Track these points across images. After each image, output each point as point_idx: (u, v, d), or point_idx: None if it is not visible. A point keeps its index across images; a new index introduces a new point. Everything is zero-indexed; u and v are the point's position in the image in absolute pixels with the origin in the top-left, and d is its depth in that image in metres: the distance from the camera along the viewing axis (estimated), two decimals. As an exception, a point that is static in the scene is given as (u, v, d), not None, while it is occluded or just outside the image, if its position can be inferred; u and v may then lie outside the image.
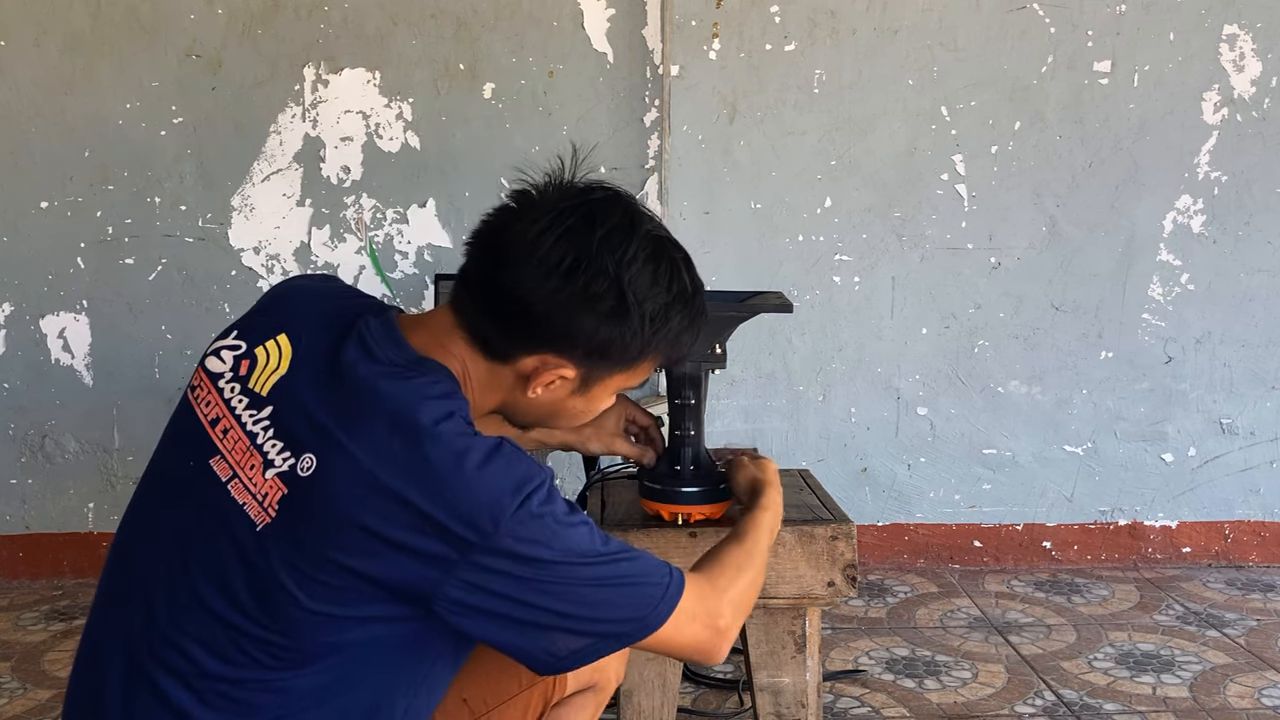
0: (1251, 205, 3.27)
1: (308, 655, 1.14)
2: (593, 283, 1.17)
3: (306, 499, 1.12)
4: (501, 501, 1.10)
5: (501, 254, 1.19)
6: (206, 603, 1.14)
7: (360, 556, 1.10)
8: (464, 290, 1.23)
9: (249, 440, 1.16)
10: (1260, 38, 3.21)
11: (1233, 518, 3.38)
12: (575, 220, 1.18)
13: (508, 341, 1.21)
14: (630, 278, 1.18)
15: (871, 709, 2.43)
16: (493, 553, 1.10)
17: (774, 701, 1.73)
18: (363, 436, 1.12)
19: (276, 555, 1.12)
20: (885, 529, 3.36)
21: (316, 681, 1.15)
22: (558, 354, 1.21)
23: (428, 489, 1.10)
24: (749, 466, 1.61)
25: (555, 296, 1.17)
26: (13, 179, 3.18)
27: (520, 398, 1.26)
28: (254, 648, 1.13)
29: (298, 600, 1.11)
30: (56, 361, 3.25)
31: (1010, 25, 3.19)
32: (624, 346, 1.21)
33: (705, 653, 1.28)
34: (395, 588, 1.11)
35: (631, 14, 3.16)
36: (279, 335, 1.22)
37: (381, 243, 3.23)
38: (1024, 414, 3.33)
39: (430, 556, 1.10)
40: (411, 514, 1.09)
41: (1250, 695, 2.49)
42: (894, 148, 3.23)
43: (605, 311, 1.18)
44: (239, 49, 3.15)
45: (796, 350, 3.29)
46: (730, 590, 1.31)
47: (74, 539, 3.28)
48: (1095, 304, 3.30)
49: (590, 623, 1.17)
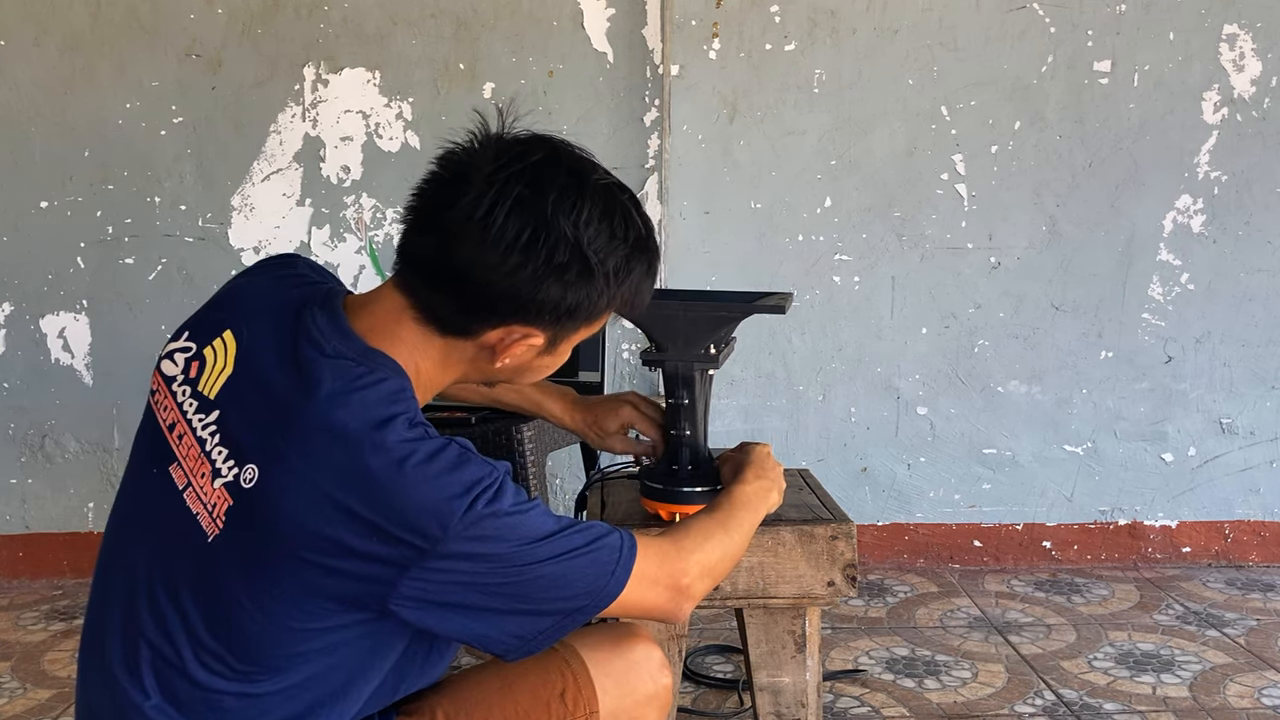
0: (1251, 205, 3.27)
1: (266, 667, 1.13)
2: (555, 252, 1.12)
3: (250, 511, 1.09)
4: (449, 506, 1.07)
5: (450, 233, 1.12)
6: (165, 616, 1.14)
7: (307, 568, 1.08)
8: (410, 271, 1.17)
9: (200, 447, 1.15)
10: (1260, 38, 3.21)
11: (1233, 517, 3.38)
12: (522, 188, 1.11)
13: (467, 318, 1.16)
14: (589, 239, 1.14)
15: (871, 709, 2.43)
16: (443, 557, 1.08)
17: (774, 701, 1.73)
18: (304, 445, 1.08)
19: (226, 568, 1.11)
20: (885, 529, 3.36)
21: (279, 687, 1.15)
22: (525, 323, 1.17)
23: (371, 498, 1.07)
24: (734, 455, 1.60)
25: (519, 272, 1.12)
26: (13, 179, 3.18)
27: (485, 367, 1.22)
28: (212, 660, 1.13)
29: (250, 614, 1.10)
30: (56, 361, 3.25)
31: (1010, 25, 3.19)
32: (591, 304, 1.18)
33: (667, 613, 1.27)
34: (346, 597, 1.10)
35: (631, 14, 3.16)
36: (224, 333, 1.19)
37: (381, 242, 3.23)
38: (1024, 414, 3.33)
39: (381, 562, 1.08)
40: (357, 523, 1.07)
41: (1250, 695, 2.49)
42: (894, 147, 3.23)
43: (571, 278, 1.14)
44: (239, 49, 3.15)
45: (796, 350, 3.29)
46: (696, 553, 1.29)
47: (74, 539, 3.28)
48: (1095, 304, 3.30)
49: (550, 602, 1.16)
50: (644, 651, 1.41)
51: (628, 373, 3.27)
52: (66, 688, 2.58)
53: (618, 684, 1.37)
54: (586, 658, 1.38)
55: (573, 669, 1.36)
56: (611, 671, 1.38)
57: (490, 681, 1.37)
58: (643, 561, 1.22)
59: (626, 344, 3.26)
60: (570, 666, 1.37)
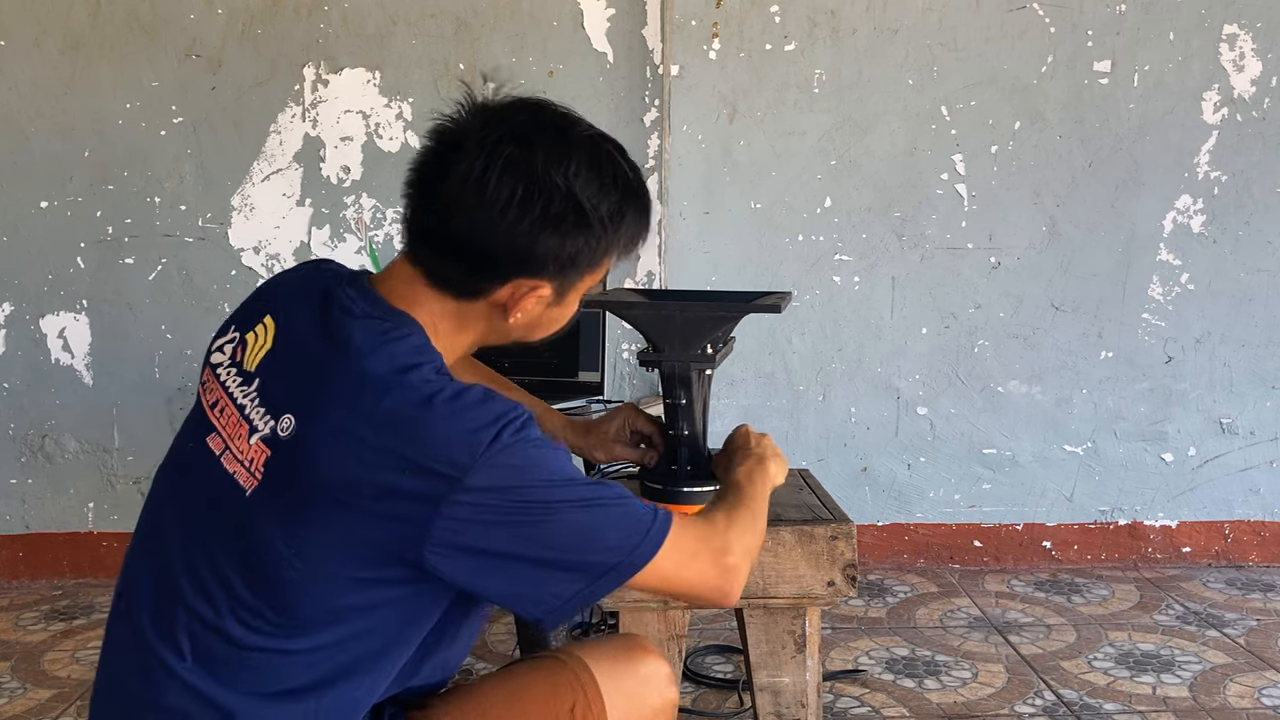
0: (1251, 205, 3.27)
1: (303, 621, 1.14)
2: (550, 204, 1.17)
3: (288, 459, 1.13)
4: (477, 435, 1.10)
5: (448, 203, 1.18)
6: (203, 580, 1.16)
7: (343, 511, 1.10)
8: (417, 243, 1.23)
9: (239, 413, 1.19)
10: (1260, 38, 3.21)
11: (1233, 517, 3.38)
12: (511, 149, 1.16)
13: (476, 280, 1.21)
14: (581, 188, 1.18)
15: (871, 709, 2.43)
16: (473, 489, 1.09)
17: (774, 701, 1.73)
18: (338, 394, 1.13)
19: (266, 519, 1.13)
20: (885, 529, 3.36)
21: (314, 644, 1.15)
22: (530, 276, 1.21)
23: (402, 434, 1.10)
24: (721, 451, 1.60)
25: (516, 227, 1.16)
26: (13, 179, 3.18)
27: (500, 324, 1.26)
28: (250, 615, 1.14)
29: (288, 562, 1.12)
30: (56, 361, 3.25)
31: (1010, 25, 3.19)
32: (591, 252, 1.22)
33: (718, 590, 1.25)
34: (382, 544, 1.11)
35: (631, 14, 3.16)
36: (265, 318, 1.25)
37: (381, 242, 3.23)
38: (1024, 414, 3.33)
39: (412, 499, 1.09)
40: (389, 460, 1.09)
41: (1250, 695, 2.49)
42: (894, 147, 3.23)
43: (568, 228, 1.19)
44: (239, 49, 3.15)
45: (796, 350, 3.29)
46: (731, 532, 1.28)
47: (74, 539, 3.28)
48: (1095, 304, 3.30)
49: (580, 552, 1.15)
50: (652, 666, 1.40)
51: (627, 373, 3.27)
52: (66, 688, 2.58)
53: (627, 698, 1.37)
54: (595, 671, 1.36)
55: (582, 682, 1.35)
56: (621, 686, 1.37)
57: (498, 693, 1.36)
58: (679, 533, 1.21)
59: (626, 344, 3.26)
60: (580, 680, 1.35)
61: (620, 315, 1.71)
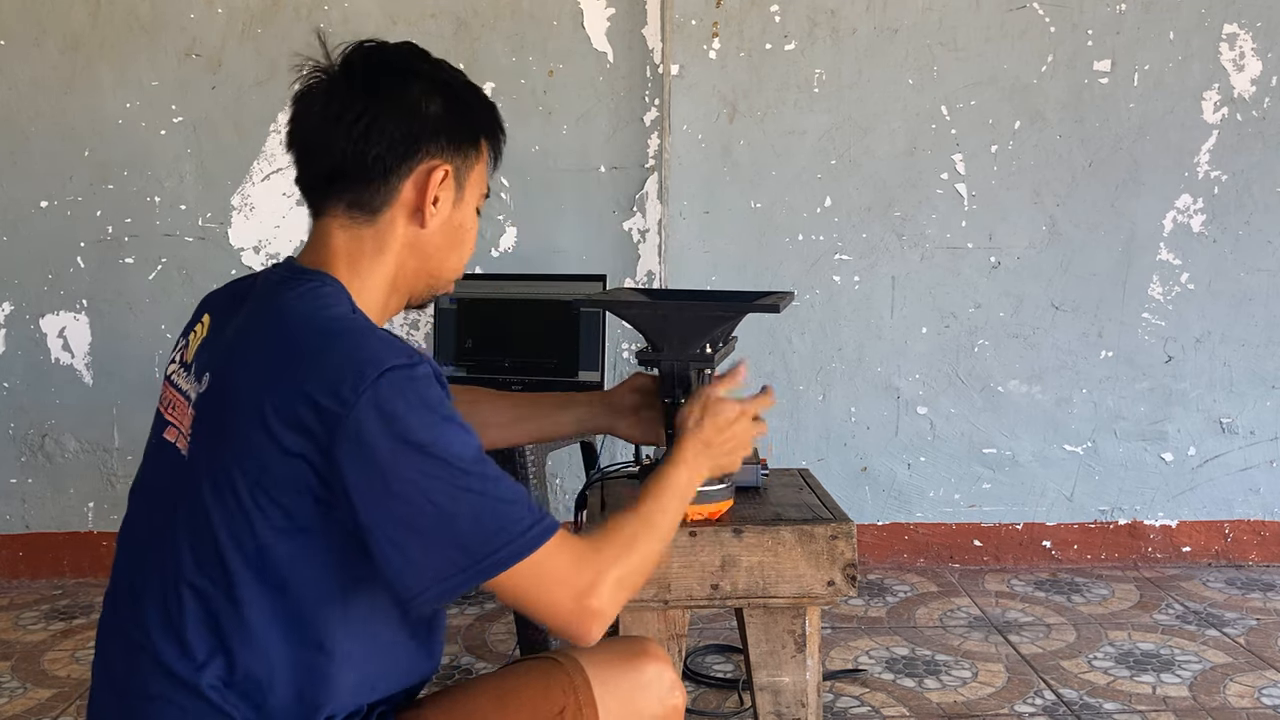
0: (1251, 205, 3.27)
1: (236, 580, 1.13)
2: (405, 83, 1.25)
3: (207, 412, 1.18)
4: (365, 369, 1.10)
5: (315, 141, 1.25)
6: (164, 563, 1.17)
7: (255, 450, 1.11)
8: (313, 196, 1.29)
9: (186, 400, 1.24)
10: (1260, 37, 3.21)
11: (1232, 517, 3.38)
12: (339, 76, 1.25)
13: (375, 184, 1.24)
14: (425, 69, 1.28)
15: (871, 708, 2.43)
16: (358, 424, 1.08)
17: (774, 701, 1.73)
18: (247, 342, 1.18)
19: (199, 477, 1.15)
20: (885, 528, 3.36)
21: (263, 616, 1.14)
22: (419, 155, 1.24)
23: (300, 366, 1.12)
24: (685, 409, 1.48)
25: (375, 112, 1.22)
26: (13, 179, 3.19)
27: (417, 237, 1.27)
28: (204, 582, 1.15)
29: (213, 519, 1.13)
30: (56, 361, 3.25)
31: (1010, 25, 3.19)
32: (458, 115, 1.28)
33: (568, 626, 1.19)
34: (293, 481, 1.11)
35: (631, 13, 3.16)
36: (204, 316, 1.32)
37: (381, 242, 3.22)
38: (1024, 413, 3.33)
39: (309, 434, 1.10)
40: (288, 394, 1.11)
41: (1250, 695, 2.49)
42: (894, 147, 3.23)
43: (425, 89, 1.25)
44: (239, 49, 3.15)
45: (796, 350, 3.29)
46: (615, 568, 1.21)
47: (74, 538, 3.28)
48: (1095, 303, 3.30)
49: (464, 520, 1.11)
50: (655, 671, 1.35)
51: (627, 372, 3.27)
52: (66, 687, 2.59)
53: (622, 704, 1.32)
54: (591, 674, 1.32)
55: (575, 685, 1.31)
56: (617, 691, 1.32)
57: (488, 693, 1.33)
58: (553, 553, 1.15)
59: (626, 344, 3.26)
60: (574, 683, 1.31)
61: (620, 315, 1.71)
